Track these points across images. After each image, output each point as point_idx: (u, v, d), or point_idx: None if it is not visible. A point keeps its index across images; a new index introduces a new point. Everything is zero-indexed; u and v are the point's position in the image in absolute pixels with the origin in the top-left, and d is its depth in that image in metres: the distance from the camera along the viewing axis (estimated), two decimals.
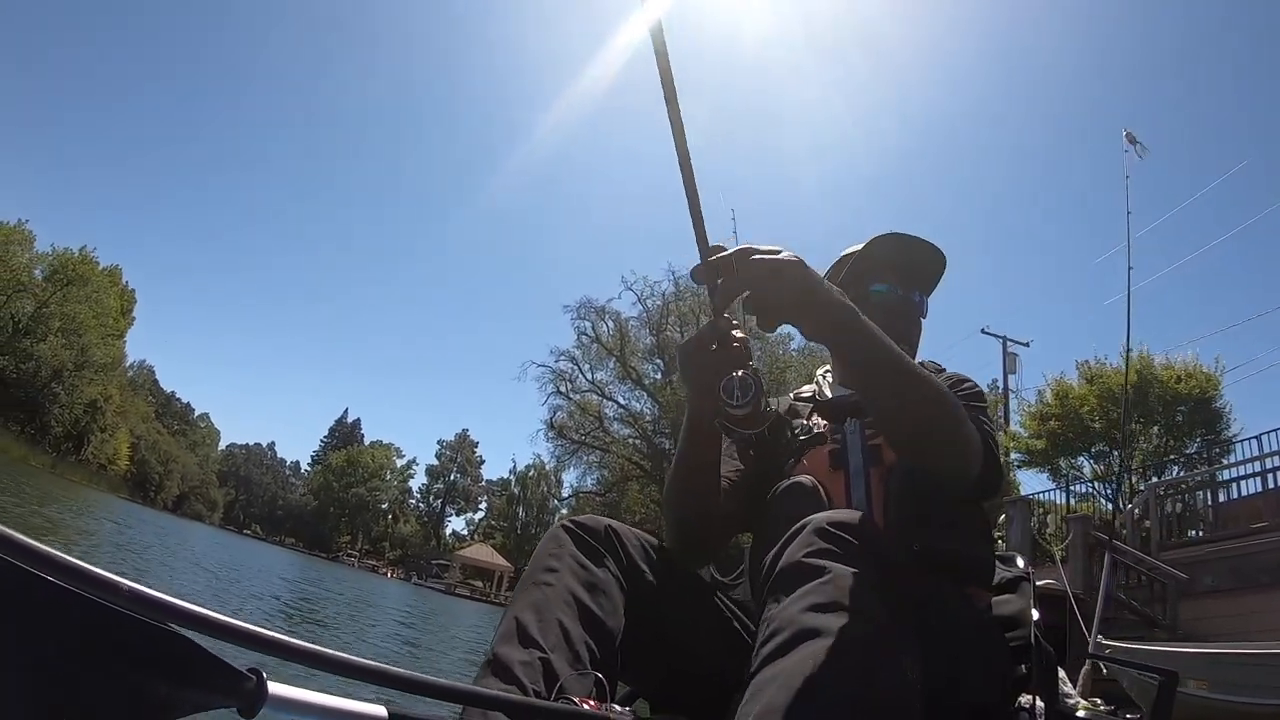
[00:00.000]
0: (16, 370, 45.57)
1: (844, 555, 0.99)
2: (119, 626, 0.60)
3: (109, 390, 55.10)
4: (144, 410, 73.86)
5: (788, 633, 0.90)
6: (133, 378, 71.71)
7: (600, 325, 38.02)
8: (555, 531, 1.30)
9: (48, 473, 40.36)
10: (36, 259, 47.74)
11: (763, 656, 0.90)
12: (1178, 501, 13.24)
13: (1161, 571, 11.38)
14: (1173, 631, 10.56)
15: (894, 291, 1.69)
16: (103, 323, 51.17)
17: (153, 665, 0.63)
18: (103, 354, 51.55)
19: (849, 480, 1.50)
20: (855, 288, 1.66)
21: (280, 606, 10.19)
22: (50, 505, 16.11)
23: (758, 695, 0.84)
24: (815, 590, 0.94)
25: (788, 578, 1.00)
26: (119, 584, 0.56)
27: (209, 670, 0.66)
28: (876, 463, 1.50)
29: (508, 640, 1.08)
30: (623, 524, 1.36)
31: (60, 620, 0.58)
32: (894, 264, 1.70)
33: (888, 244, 1.70)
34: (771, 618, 0.95)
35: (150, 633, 0.62)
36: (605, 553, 1.27)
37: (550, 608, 1.13)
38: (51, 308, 47.23)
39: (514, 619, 1.11)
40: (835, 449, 1.55)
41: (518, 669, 1.02)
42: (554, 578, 1.19)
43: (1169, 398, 16.61)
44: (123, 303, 55.36)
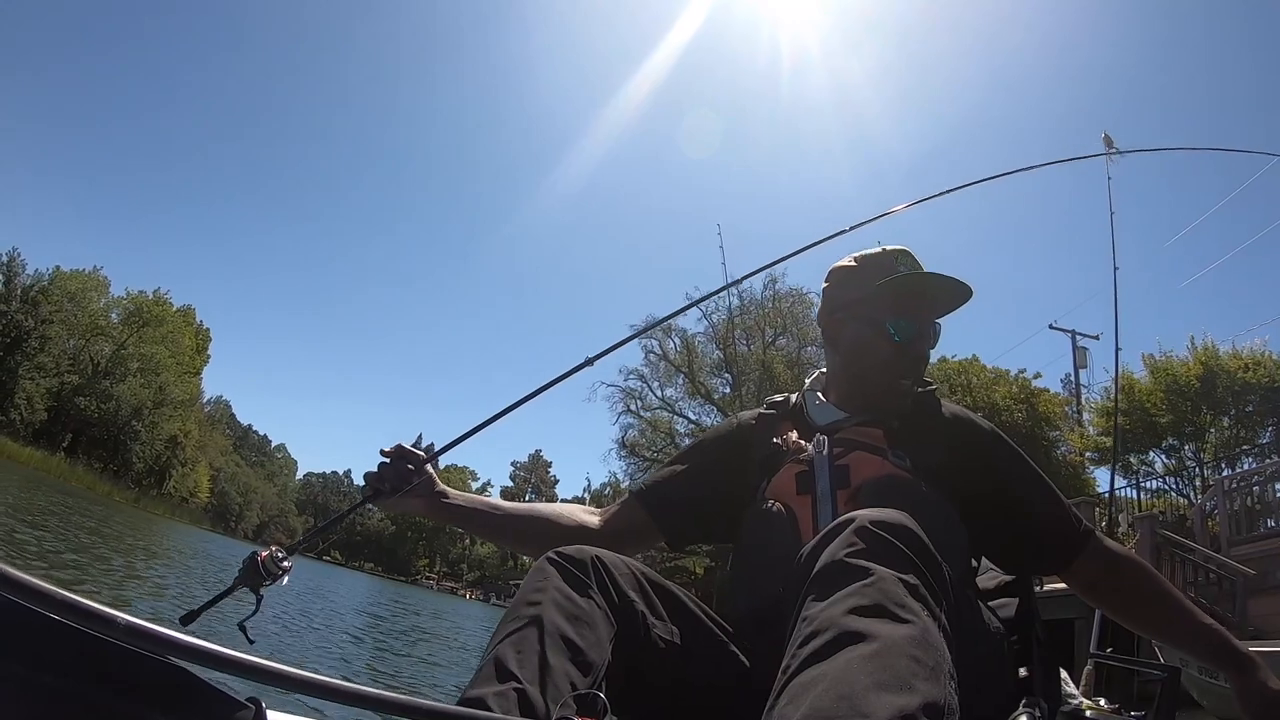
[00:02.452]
0: (98, 410, 47.27)
1: (887, 557, 0.98)
2: (118, 659, 0.62)
3: (188, 426, 56.72)
4: (222, 444, 75.93)
5: (830, 634, 0.88)
6: (210, 413, 73.65)
7: (667, 342, 38.03)
8: (540, 564, 1.27)
9: (131, 507, 41.71)
10: (113, 303, 49.97)
11: (803, 657, 0.88)
12: (1247, 495, 12.82)
13: (1229, 568, 11.05)
14: (1241, 629, 10.22)
15: (911, 329, 1.61)
16: (179, 361, 52.89)
17: (153, 697, 0.65)
18: (180, 391, 53.15)
19: (815, 506, 1.47)
20: (870, 325, 1.62)
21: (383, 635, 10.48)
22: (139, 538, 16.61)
23: (800, 698, 0.82)
24: (859, 592, 0.92)
25: (829, 576, 0.98)
26: (116, 617, 0.56)
27: (208, 701, 0.68)
28: (843, 484, 1.47)
29: (485, 680, 1.04)
30: (611, 553, 1.33)
31: (59, 654, 0.60)
32: (916, 297, 1.63)
33: (910, 282, 1.62)
34: (811, 617, 0.93)
35: (149, 665, 0.64)
36: (591, 583, 1.24)
37: (530, 641, 1.09)
38: (129, 349, 49.09)
39: (493, 658, 1.08)
40: (803, 471, 1.52)
41: (491, 701, 0.98)
42: (537, 610, 1.15)
43: (1238, 387, 16.08)
44: (198, 341, 57.09)
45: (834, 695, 0.79)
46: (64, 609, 0.54)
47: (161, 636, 0.57)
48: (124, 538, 15.89)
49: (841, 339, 1.68)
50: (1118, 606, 1.62)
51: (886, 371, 1.61)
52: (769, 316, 35.30)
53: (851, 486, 1.46)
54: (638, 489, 1.75)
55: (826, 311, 1.73)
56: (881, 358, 1.61)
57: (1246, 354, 16.47)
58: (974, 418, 1.65)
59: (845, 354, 1.67)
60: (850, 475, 1.47)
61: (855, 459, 1.50)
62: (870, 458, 1.49)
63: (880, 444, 1.51)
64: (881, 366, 1.61)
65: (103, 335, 48.61)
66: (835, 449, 1.52)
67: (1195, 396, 16.52)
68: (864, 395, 1.62)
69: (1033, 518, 1.53)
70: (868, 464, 1.48)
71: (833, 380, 1.72)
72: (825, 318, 1.74)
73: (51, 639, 0.59)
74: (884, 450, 1.50)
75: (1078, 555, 1.55)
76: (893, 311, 1.61)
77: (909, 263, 1.66)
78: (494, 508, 1.69)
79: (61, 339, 45.98)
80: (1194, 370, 16.70)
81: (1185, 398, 16.58)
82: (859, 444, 1.52)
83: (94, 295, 48.05)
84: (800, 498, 1.49)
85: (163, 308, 51.90)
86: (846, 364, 1.67)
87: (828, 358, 1.76)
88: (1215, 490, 13.22)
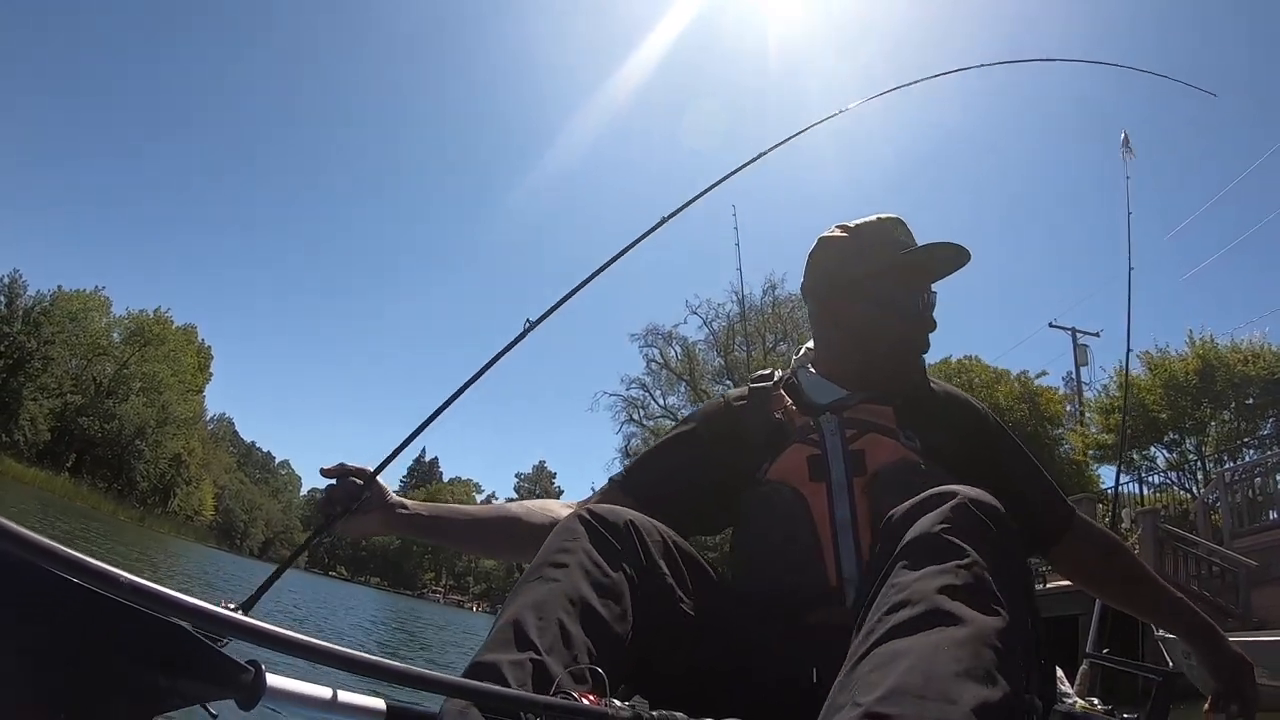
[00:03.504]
0: (101, 430, 47.38)
1: (982, 540, 0.97)
2: (120, 618, 0.62)
3: (191, 444, 56.70)
4: (226, 461, 75.94)
5: (921, 608, 0.88)
6: (214, 430, 73.66)
7: (668, 351, 38.16)
8: (569, 522, 1.20)
9: (136, 525, 41.64)
10: (114, 323, 50.02)
11: (890, 625, 0.88)
12: (1249, 487, 12.82)
13: (1231, 560, 11.06)
14: (1245, 620, 10.22)
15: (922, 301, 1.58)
16: (181, 379, 52.94)
17: (153, 657, 0.65)
18: (183, 409, 53.18)
19: (831, 494, 1.40)
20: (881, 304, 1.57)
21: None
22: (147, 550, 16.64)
23: (887, 667, 0.82)
24: (953, 571, 0.92)
25: (923, 547, 0.97)
26: (119, 576, 0.55)
27: (208, 662, 0.68)
28: (859, 471, 1.41)
29: (501, 645, 0.99)
30: (645, 518, 1.26)
31: (61, 612, 0.60)
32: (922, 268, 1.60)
33: (922, 256, 1.59)
34: (902, 585, 0.93)
35: (151, 625, 0.64)
36: (622, 549, 1.17)
37: (552, 607, 1.04)
38: (131, 368, 49.15)
39: (511, 619, 1.03)
40: (815, 455, 1.45)
41: (505, 669, 0.94)
42: (562, 574, 1.09)
43: (1238, 380, 16.09)
44: (200, 359, 56.99)
45: (922, 674, 0.79)
46: (70, 567, 0.54)
47: (164, 597, 0.57)
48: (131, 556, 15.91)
49: (848, 318, 1.60)
50: (1100, 584, 1.67)
51: (903, 349, 1.58)
52: (769, 322, 35.34)
53: (867, 473, 1.40)
54: (618, 476, 1.64)
55: (824, 289, 1.65)
56: (898, 335, 1.57)
57: (1246, 347, 16.51)
58: (966, 395, 1.65)
59: (855, 334, 1.59)
60: (866, 460, 1.42)
61: (869, 442, 1.44)
62: (884, 440, 1.44)
63: (892, 424, 1.47)
64: (898, 344, 1.57)
65: (105, 355, 48.69)
66: (848, 430, 1.47)
67: (1195, 391, 16.54)
68: (875, 373, 1.56)
69: (1021, 496, 1.47)
70: (882, 448, 1.43)
71: (833, 358, 1.63)
72: (823, 296, 1.66)
73: (55, 597, 0.59)
74: (896, 432, 1.46)
75: (1064, 534, 1.58)
76: (904, 286, 1.57)
77: (904, 232, 1.62)
78: (457, 514, 1.60)
79: (64, 359, 46.03)
80: (1193, 365, 16.71)
81: (1185, 393, 16.61)
82: (871, 425, 1.47)
83: (95, 315, 48.12)
84: (814, 484, 1.42)
85: (164, 326, 51.95)
86: (857, 344, 1.59)
87: (823, 334, 1.67)
88: (1216, 483, 13.21)
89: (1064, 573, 1.66)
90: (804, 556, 1.37)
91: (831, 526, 1.37)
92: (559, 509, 1.59)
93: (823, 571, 1.35)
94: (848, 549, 1.35)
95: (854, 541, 1.35)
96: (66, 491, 40.67)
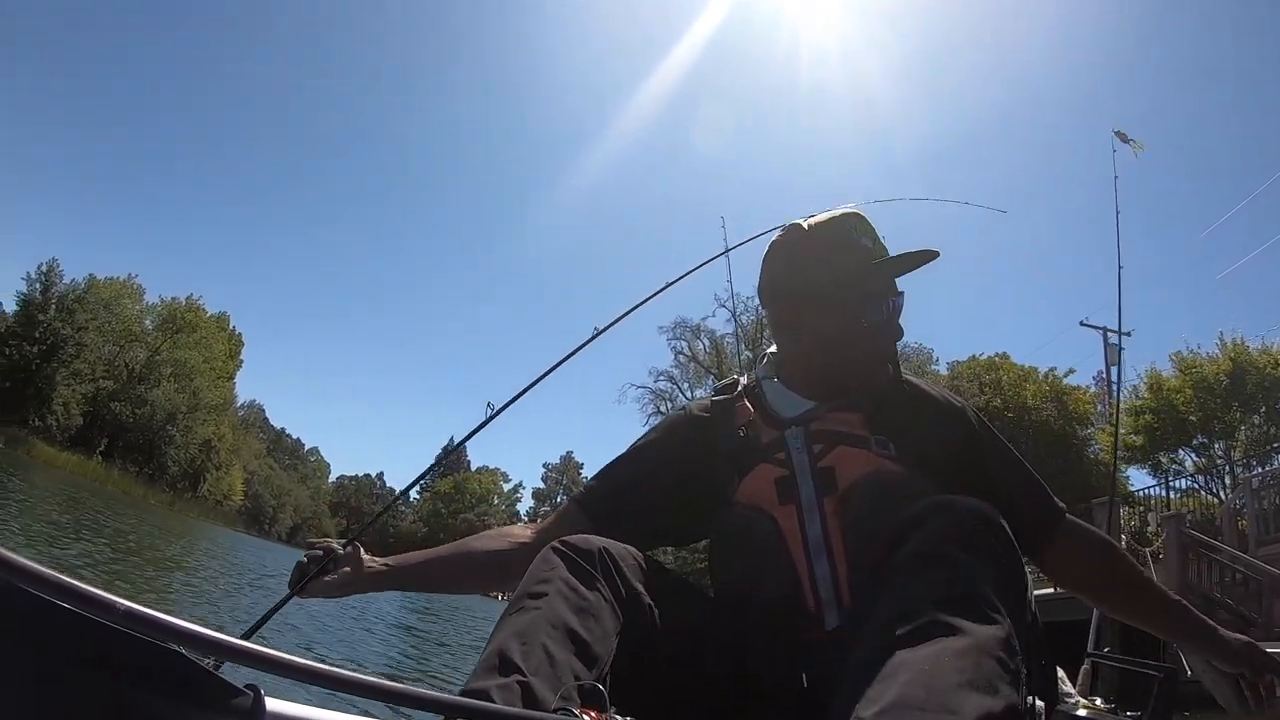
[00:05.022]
0: (133, 415, 48.03)
1: (979, 550, 0.98)
2: (116, 644, 0.61)
3: (221, 430, 57.43)
4: (256, 447, 76.74)
5: (920, 620, 0.88)
6: (244, 417, 74.50)
7: (696, 344, 38.25)
8: (545, 553, 1.23)
9: (166, 509, 42.48)
10: (146, 310, 50.73)
11: (890, 638, 0.88)
12: (1276, 493, 12.62)
13: (1255, 568, 10.90)
14: (1268, 630, 10.07)
15: (886, 308, 1.51)
16: (212, 366, 53.62)
17: (150, 682, 0.65)
18: (213, 396, 53.85)
19: (802, 516, 1.37)
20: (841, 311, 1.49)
21: None
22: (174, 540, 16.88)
23: (887, 680, 0.82)
24: (951, 582, 0.92)
25: (920, 560, 0.97)
26: (114, 602, 0.55)
27: (206, 687, 0.67)
28: (830, 490, 1.37)
29: (488, 672, 1.01)
30: (618, 544, 1.28)
31: (57, 639, 0.60)
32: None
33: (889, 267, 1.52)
34: (901, 597, 0.93)
35: (147, 650, 0.63)
36: (598, 575, 1.20)
37: (535, 633, 1.06)
38: (163, 355, 49.82)
39: (496, 649, 1.05)
40: (782, 475, 1.41)
41: (494, 694, 0.96)
42: (541, 602, 1.12)
43: (1269, 384, 15.86)
44: (231, 346, 57.74)
45: (924, 686, 0.79)
46: (62, 593, 0.53)
47: (159, 622, 0.57)
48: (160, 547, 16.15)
49: (811, 326, 1.53)
50: (1093, 589, 1.59)
51: (866, 358, 1.51)
52: None
53: (839, 490, 1.36)
54: (578, 496, 1.63)
55: (776, 295, 1.59)
56: (860, 345, 1.50)
57: (1277, 349, 16.25)
58: (944, 392, 1.58)
59: (820, 342, 1.52)
60: (836, 477, 1.37)
61: (838, 457, 1.39)
62: (854, 452, 1.39)
63: (862, 431, 1.42)
64: (860, 354, 1.51)
65: (137, 342, 49.33)
66: (815, 446, 1.41)
67: (1225, 394, 16.32)
68: (841, 383, 1.50)
69: (1007, 496, 1.36)
70: (853, 461, 1.38)
71: (793, 366, 1.57)
72: (777, 303, 1.59)
73: (49, 623, 0.58)
74: (868, 440, 1.41)
75: (1053, 534, 1.50)
76: (871, 295, 1.49)
77: (865, 229, 1.54)
78: (423, 560, 1.58)
79: (97, 345, 46.67)
80: (1223, 367, 16.51)
81: (1214, 395, 16.39)
82: (839, 436, 1.42)
83: (128, 302, 48.82)
84: (783, 508, 1.39)
85: (196, 314, 52.62)
86: (816, 353, 1.53)
87: (784, 342, 1.60)
88: (1244, 488, 13.02)
89: (1055, 578, 1.59)
90: (779, 581, 1.35)
91: (805, 549, 1.35)
92: (520, 533, 1.59)
93: (800, 595, 1.34)
94: (823, 571, 1.33)
95: (829, 563, 1.33)
96: (98, 476, 41.43)
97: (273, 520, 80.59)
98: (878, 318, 1.49)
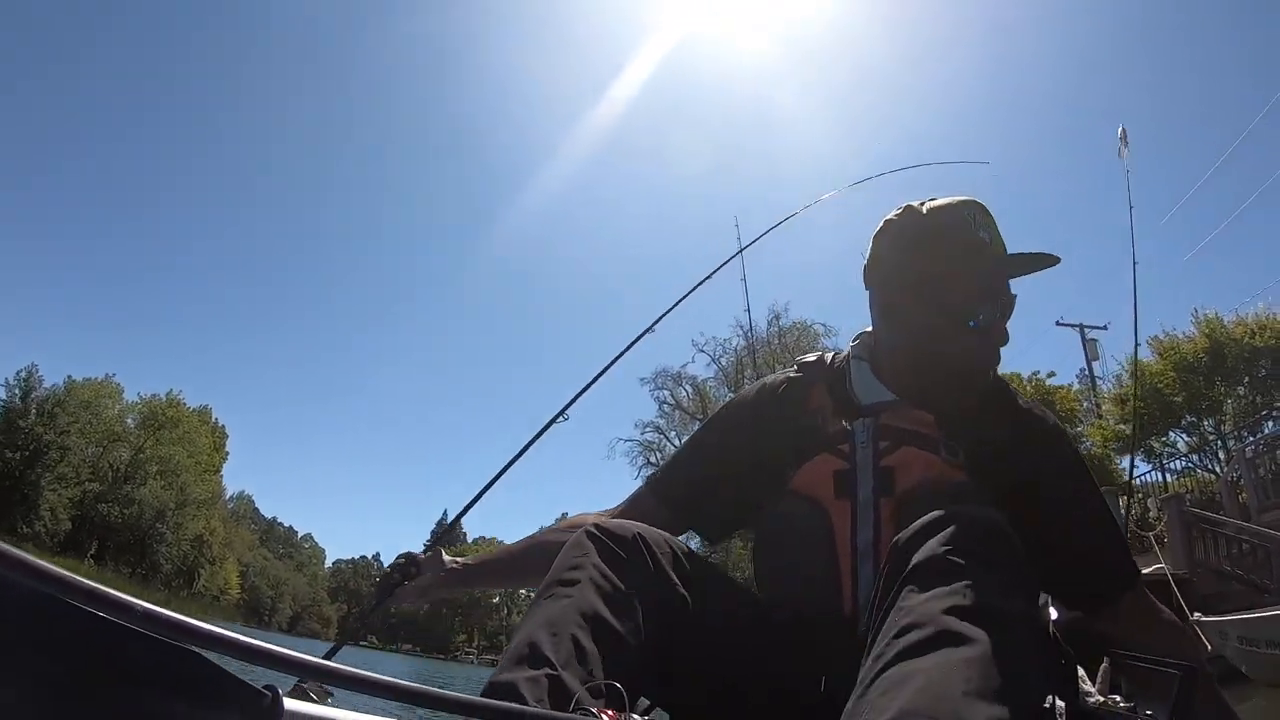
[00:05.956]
0: (121, 515, 47.83)
1: (988, 559, 0.95)
2: (135, 646, 0.61)
3: (212, 524, 57.20)
4: (248, 539, 76.40)
5: (928, 630, 0.86)
6: (234, 509, 74.31)
7: (679, 391, 38.28)
8: (579, 538, 1.19)
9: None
10: (127, 409, 50.85)
11: (899, 648, 0.86)
12: (1272, 459, 12.65)
13: (1262, 535, 10.89)
14: None
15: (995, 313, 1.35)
16: (198, 461, 53.66)
17: (169, 683, 0.64)
18: (201, 490, 53.83)
19: (855, 513, 1.32)
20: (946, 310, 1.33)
21: None
22: None
23: (895, 690, 0.80)
24: (960, 592, 0.91)
25: (930, 570, 0.95)
26: (133, 604, 0.56)
27: (225, 688, 0.67)
28: (888, 491, 1.31)
29: (517, 663, 1.00)
30: (654, 530, 1.24)
31: (76, 640, 0.59)
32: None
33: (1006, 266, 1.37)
34: (909, 609, 0.91)
35: (167, 651, 0.63)
36: (632, 562, 1.17)
37: (565, 623, 1.04)
38: (147, 452, 49.80)
39: (526, 639, 1.03)
40: (842, 469, 1.35)
41: (522, 686, 0.95)
42: (573, 590, 1.10)
43: (1247, 354, 16.01)
44: (215, 439, 57.93)
45: (931, 695, 0.78)
46: (82, 595, 0.54)
47: (178, 623, 0.57)
48: None
49: (907, 320, 1.38)
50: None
51: (965, 360, 1.34)
52: (776, 354, 35.35)
53: (896, 493, 1.30)
54: (652, 481, 1.59)
55: (881, 279, 1.45)
56: (959, 347, 1.33)
57: (1252, 319, 16.44)
58: (1045, 412, 1.46)
59: (911, 336, 1.37)
60: (895, 480, 1.31)
61: (902, 457, 1.33)
62: (920, 455, 1.32)
63: (933, 433, 1.34)
64: (959, 355, 1.33)
65: (120, 441, 49.34)
66: (881, 442, 1.35)
67: (1206, 370, 16.42)
68: (928, 381, 1.36)
69: (1080, 546, 1.31)
70: (916, 464, 1.32)
71: (885, 354, 1.44)
72: (880, 288, 1.45)
73: (69, 626, 0.58)
74: (937, 443, 1.33)
75: (1115, 600, 1.35)
76: (977, 292, 1.34)
77: (985, 221, 1.38)
78: (496, 558, 1.69)
79: (80, 448, 46.63)
80: (1201, 345, 16.63)
81: (1196, 373, 16.49)
82: (908, 434, 1.34)
83: (108, 402, 48.93)
84: (839, 502, 1.33)
85: (177, 409, 52.76)
86: (911, 347, 1.38)
87: (879, 327, 1.46)
88: (1238, 460, 13.08)
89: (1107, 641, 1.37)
90: (821, 580, 1.32)
91: (852, 551, 1.31)
92: (590, 520, 1.43)
93: (838, 597, 1.30)
94: (866, 576, 1.28)
95: (874, 568, 1.26)
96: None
97: (272, 610, 79.82)
98: (989, 320, 1.33)
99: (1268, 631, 8.34)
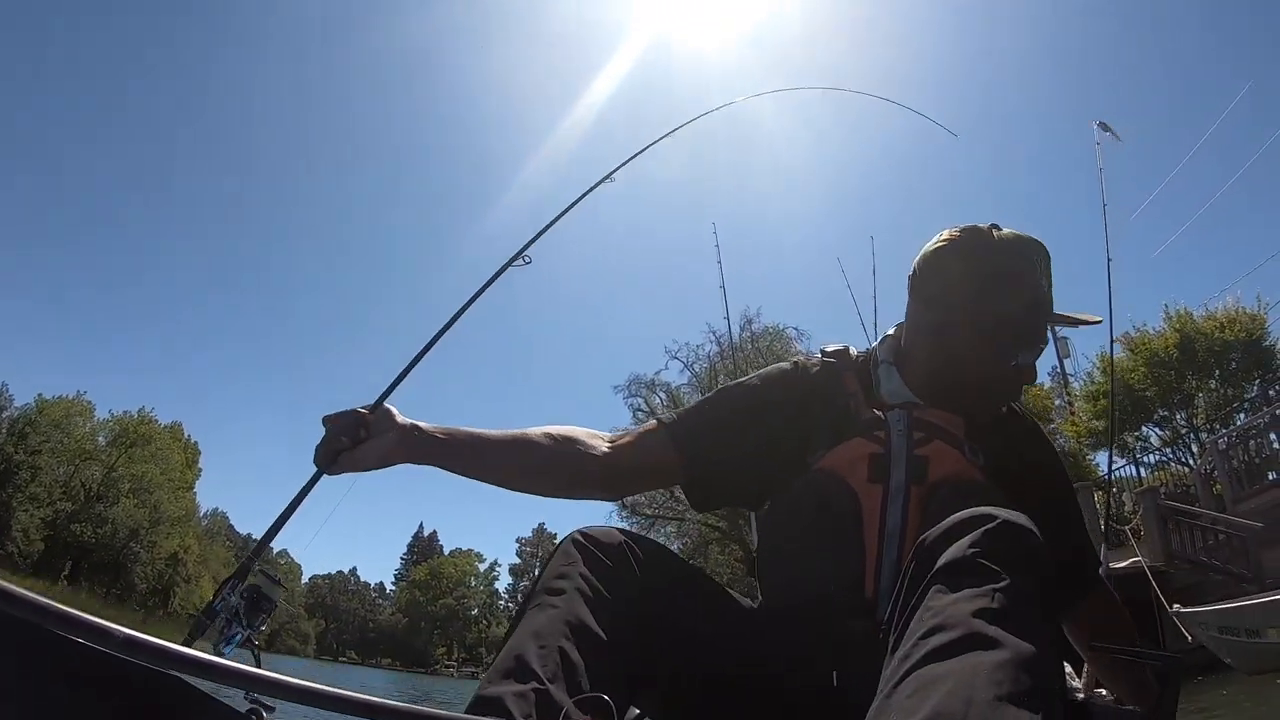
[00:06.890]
0: (95, 535, 46.78)
1: (1019, 564, 0.95)
2: (117, 672, 0.62)
3: (187, 541, 55.99)
4: (224, 555, 74.79)
5: (958, 632, 0.86)
6: (208, 526, 72.90)
7: (653, 398, 38.07)
8: (565, 546, 1.20)
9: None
10: (99, 427, 49.79)
11: (926, 650, 0.86)
12: (1244, 450, 12.84)
13: (1236, 525, 11.05)
14: (1260, 582, 10.18)
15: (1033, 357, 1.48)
16: (171, 478, 52.63)
17: (152, 709, 0.65)
18: (175, 508, 52.79)
19: (886, 498, 1.33)
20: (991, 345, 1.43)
21: None
22: None
23: (925, 692, 0.80)
24: (990, 595, 0.90)
25: (959, 571, 0.95)
26: (112, 630, 0.56)
27: (208, 712, 0.68)
28: (919, 479, 1.33)
29: (504, 677, 0.99)
30: (643, 537, 1.26)
31: (57, 668, 0.60)
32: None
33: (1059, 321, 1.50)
34: (938, 609, 0.91)
35: (148, 677, 0.63)
36: (620, 569, 1.17)
37: (552, 634, 1.04)
38: (119, 470, 48.79)
39: (512, 652, 1.02)
40: (877, 453, 1.36)
41: (509, 701, 0.94)
42: (560, 600, 1.09)
43: (1217, 347, 16.23)
44: (187, 455, 56.86)
45: (961, 699, 0.78)
46: (61, 622, 0.54)
47: (159, 649, 0.58)
48: None
49: (950, 341, 1.45)
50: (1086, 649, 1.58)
51: (998, 393, 1.49)
52: (749, 359, 35.44)
53: (927, 482, 1.33)
54: (669, 419, 1.53)
55: (947, 304, 1.47)
56: (994, 376, 1.45)
57: (1221, 313, 16.71)
58: (1024, 410, 1.58)
59: (952, 358, 1.45)
60: (928, 468, 1.34)
61: (935, 450, 1.36)
62: (949, 451, 1.36)
63: (960, 434, 1.39)
64: (989, 383, 1.46)
65: (92, 459, 48.38)
66: (916, 433, 1.38)
67: (1178, 365, 16.65)
68: (958, 402, 1.44)
69: (1054, 542, 1.32)
70: (946, 458, 1.35)
71: (917, 367, 1.49)
72: (944, 309, 1.47)
73: (49, 652, 0.59)
74: (962, 443, 1.38)
75: (1083, 594, 1.52)
76: (1024, 339, 1.45)
77: (1045, 270, 1.46)
78: (474, 436, 1.44)
79: (51, 467, 45.72)
80: (1171, 339, 16.84)
81: (1168, 367, 16.72)
82: (939, 430, 1.38)
83: (79, 421, 47.99)
84: (872, 486, 1.34)
85: (149, 426, 51.81)
86: (950, 368, 1.45)
87: (914, 337, 1.51)
88: (1211, 452, 13.24)
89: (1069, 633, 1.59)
90: (844, 561, 1.31)
91: (880, 533, 1.32)
92: (592, 441, 1.49)
93: (860, 581, 1.30)
94: (890, 561, 1.29)
95: (898, 554, 1.28)
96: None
97: None
98: (1025, 364, 1.45)
99: (1247, 620, 8.48)
